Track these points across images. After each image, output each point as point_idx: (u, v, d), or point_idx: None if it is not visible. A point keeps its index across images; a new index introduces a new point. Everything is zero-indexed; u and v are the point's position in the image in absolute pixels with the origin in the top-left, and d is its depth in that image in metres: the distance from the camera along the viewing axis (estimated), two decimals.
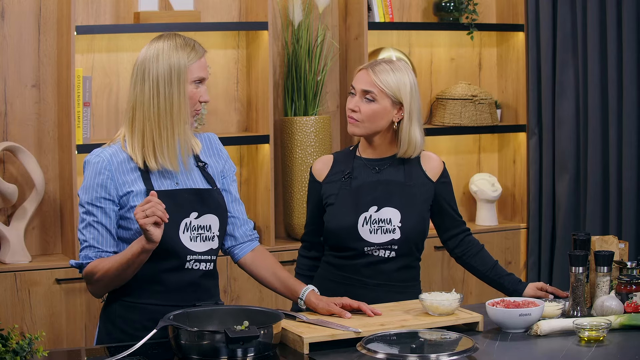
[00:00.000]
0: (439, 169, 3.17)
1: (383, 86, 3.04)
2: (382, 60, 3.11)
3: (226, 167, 2.95)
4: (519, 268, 5.02)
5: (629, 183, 4.49)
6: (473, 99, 4.90)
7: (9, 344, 2.29)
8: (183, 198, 2.78)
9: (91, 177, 2.76)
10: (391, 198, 3.08)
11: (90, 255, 2.74)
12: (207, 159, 2.92)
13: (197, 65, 2.78)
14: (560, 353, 2.55)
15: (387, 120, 3.08)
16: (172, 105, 2.75)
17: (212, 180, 2.88)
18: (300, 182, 4.56)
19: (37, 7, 4.26)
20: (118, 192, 2.75)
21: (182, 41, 2.79)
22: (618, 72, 4.52)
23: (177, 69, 2.75)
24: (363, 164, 3.15)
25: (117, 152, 2.78)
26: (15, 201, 4.20)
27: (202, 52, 2.80)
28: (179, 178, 2.82)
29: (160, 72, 2.75)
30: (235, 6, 4.62)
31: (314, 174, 3.23)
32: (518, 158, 5.08)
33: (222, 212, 2.86)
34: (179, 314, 2.58)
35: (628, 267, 3.03)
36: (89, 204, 2.75)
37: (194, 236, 2.78)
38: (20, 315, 4.05)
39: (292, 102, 4.64)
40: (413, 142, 3.09)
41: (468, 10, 4.89)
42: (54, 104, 4.31)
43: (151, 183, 2.77)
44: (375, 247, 3.07)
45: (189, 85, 2.77)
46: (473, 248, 3.21)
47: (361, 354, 2.47)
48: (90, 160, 2.78)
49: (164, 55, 2.76)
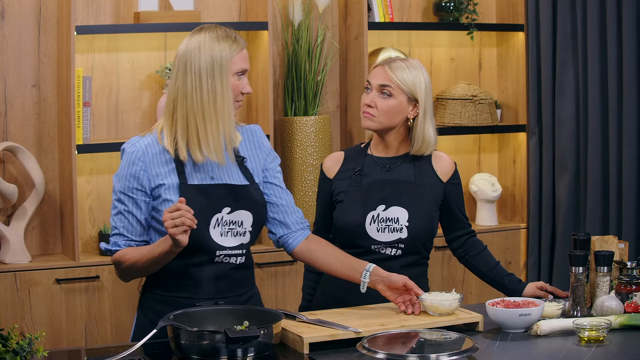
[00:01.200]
0: (450, 169, 3.18)
1: (399, 82, 3.08)
2: (397, 58, 3.15)
3: (268, 160, 2.94)
4: (519, 268, 5.02)
5: (629, 183, 4.49)
6: (473, 99, 4.90)
7: (9, 344, 2.29)
8: (216, 193, 2.78)
9: (125, 166, 2.77)
10: (399, 197, 3.10)
11: (120, 243, 2.77)
12: (246, 152, 2.90)
13: (239, 57, 2.77)
14: (560, 353, 2.55)
15: (402, 116, 3.11)
16: (216, 98, 2.74)
17: (250, 175, 2.87)
18: (300, 182, 4.56)
19: (37, 7, 4.26)
20: (150, 183, 2.76)
21: (223, 33, 2.78)
22: (618, 72, 4.52)
23: (220, 61, 2.74)
24: (374, 162, 3.17)
25: (153, 143, 2.79)
26: (15, 201, 4.20)
27: (243, 44, 2.79)
28: (214, 172, 2.81)
29: (202, 64, 2.74)
30: (235, 6, 4.63)
31: (325, 170, 3.24)
32: (518, 158, 5.08)
33: (258, 208, 2.85)
34: (179, 314, 2.58)
35: (628, 267, 3.03)
36: (121, 192, 2.77)
37: (225, 231, 2.78)
38: (20, 315, 4.05)
39: (292, 102, 4.64)
40: (427, 139, 3.12)
41: (468, 10, 4.89)
42: (54, 104, 4.31)
43: (185, 177, 2.76)
44: (382, 245, 3.09)
45: (232, 77, 2.77)
46: (475, 248, 3.22)
47: (361, 354, 2.47)
48: (126, 149, 2.80)
49: (206, 48, 2.75)
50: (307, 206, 4.56)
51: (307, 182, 4.56)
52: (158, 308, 2.79)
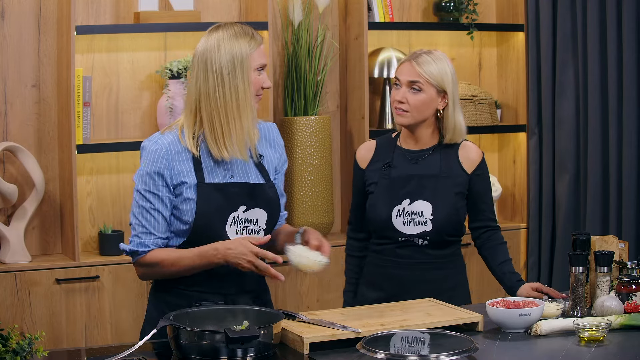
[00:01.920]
0: (477, 160, 3.26)
1: (428, 76, 3.17)
2: (422, 52, 3.24)
3: (281, 161, 2.98)
4: (519, 268, 5.02)
5: (629, 183, 4.49)
6: (473, 99, 4.89)
7: (9, 344, 2.29)
8: (233, 192, 2.80)
9: (149, 163, 2.77)
10: (423, 192, 3.19)
11: (148, 243, 2.76)
12: (264, 150, 2.93)
13: (257, 53, 2.79)
14: (560, 353, 2.55)
15: (432, 108, 3.20)
16: (238, 94, 2.76)
17: (267, 173, 2.89)
18: (300, 182, 4.56)
19: (37, 7, 4.26)
20: (173, 180, 2.77)
21: (241, 30, 2.80)
22: (618, 72, 4.52)
23: (240, 57, 2.76)
24: (402, 155, 3.26)
25: (175, 141, 2.79)
26: (15, 201, 4.20)
27: (260, 40, 2.81)
28: (234, 171, 2.84)
29: (223, 62, 2.76)
30: (235, 6, 4.62)
31: (358, 160, 3.34)
32: (518, 158, 5.08)
33: (273, 206, 2.88)
34: (179, 314, 2.58)
35: (628, 267, 3.03)
36: (146, 190, 2.77)
37: (240, 229, 2.81)
38: (20, 315, 4.04)
39: (292, 102, 4.64)
40: (459, 127, 3.23)
41: (468, 10, 4.89)
42: (54, 104, 4.31)
43: (202, 176, 2.78)
44: (409, 237, 3.20)
45: (252, 73, 2.79)
46: (491, 242, 3.30)
47: (361, 354, 2.47)
48: (148, 146, 2.79)
49: (225, 45, 2.77)
50: (307, 206, 4.56)
51: (307, 182, 4.55)
52: (172, 301, 2.81)
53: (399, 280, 3.21)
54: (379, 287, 3.24)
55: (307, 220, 4.56)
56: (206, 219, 2.77)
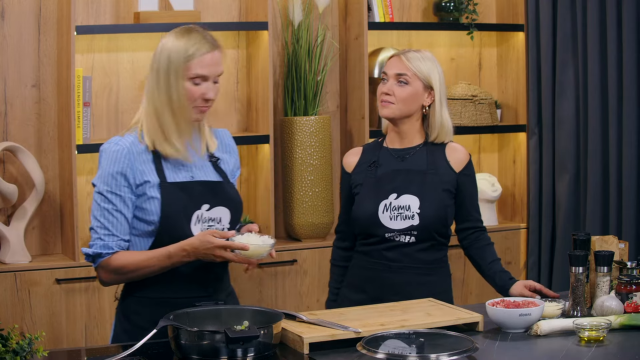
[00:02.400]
0: (464, 160, 3.25)
1: (415, 70, 3.21)
2: (411, 50, 3.28)
3: (236, 167, 2.98)
4: (519, 268, 5.02)
5: (629, 183, 4.49)
6: (473, 99, 4.89)
7: (9, 344, 2.29)
8: (195, 190, 2.79)
9: (110, 164, 2.75)
10: (410, 186, 3.18)
11: (111, 245, 2.73)
12: (220, 155, 2.93)
13: (197, 62, 2.74)
14: (560, 353, 2.55)
15: (418, 103, 3.21)
16: (171, 100, 2.75)
17: (225, 174, 2.89)
18: (300, 182, 4.56)
19: (37, 7, 4.26)
20: (136, 180, 2.76)
21: (188, 35, 2.76)
22: (618, 72, 4.52)
23: (175, 64, 2.74)
24: (389, 154, 3.26)
25: (135, 141, 2.79)
26: (15, 201, 4.20)
27: (206, 49, 2.75)
28: (193, 171, 2.83)
29: (161, 65, 2.76)
30: (235, 6, 4.62)
31: (344, 166, 3.35)
32: (518, 158, 5.08)
33: (235, 205, 2.87)
34: (179, 314, 2.58)
35: (628, 267, 3.03)
36: (108, 191, 2.75)
37: (205, 228, 2.79)
38: (20, 315, 4.05)
39: (292, 102, 4.64)
40: (445, 125, 3.23)
41: (468, 10, 4.89)
42: (54, 104, 4.31)
43: (164, 175, 2.77)
44: (395, 233, 3.17)
45: (186, 82, 2.75)
46: (479, 242, 3.28)
47: (361, 354, 2.47)
48: (108, 148, 2.78)
49: (165, 50, 2.76)
50: (306, 206, 4.56)
51: (307, 182, 4.55)
52: (144, 311, 2.78)
53: (384, 283, 3.17)
54: (362, 289, 3.21)
55: (307, 220, 4.56)
56: (171, 218, 2.75)
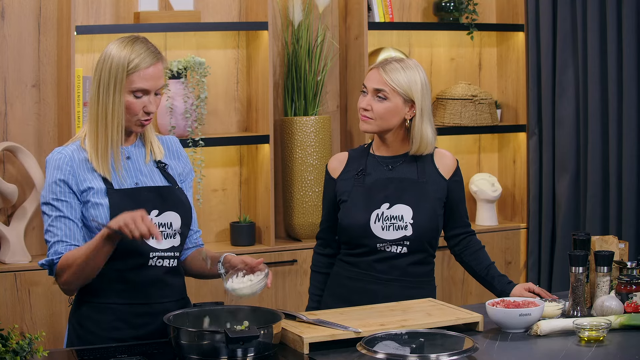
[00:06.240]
0: (452, 166, 3.20)
1: (394, 85, 3.08)
2: (392, 59, 3.14)
3: (185, 171, 2.92)
4: (519, 268, 5.02)
5: (629, 183, 4.49)
6: (473, 99, 4.90)
7: (9, 344, 2.29)
8: (143, 196, 2.75)
9: (53, 173, 2.73)
10: (403, 195, 3.10)
11: (60, 250, 2.70)
12: (168, 161, 2.89)
13: (138, 76, 2.70)
14: (560, 353, 2.55)
15: (399, 118, 3.12)
16: (106, 112, 2.71)
17: (173, 179, 2.85)
18: (300, 182, 4.56)
19: (37, 7, 4.26)
20: (80, 187, 2.72)
21: (131, 47, 2.72)
22: (618, 72, 4.52)
23: (117, 76, 2.70)
24: (376, 162, 3.18)
25: (78, 149, 2.76)
26: (15, 201, 4.20)
27: (149, 62, 2.71)
28: (138, 177, 2.79)
29: (102, 76, 2.71)
30: (235, 6, 4.63)
31: (329, 171, 3.26)
32: (518, 158, 5.08)
33: (184, 209, 2.83)
34: (179, 314, 2.58)
35: (628, 267, 3.03)
36: (54, 199, 2.71)
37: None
38: (20, 315, 4.05)
39: (292, 102, 4.64)
40: (425, 139, 3.12)
41: (468, 10, 4.89)
42: (54, 104, 4.31)
43: (110, 182, 2.74)
44: (387, 244, 3.09)
45: (127, 95, 2.71)
46: (472, 247, 3.23)
47: (361, 354, 2.47)
48: (52, 157, 2.75)
49: (107, 60, 2.72)
50: (306, 206, 4.56)
51: (307, 182, 4.55)
52: (97, 317, 2.75)
53: (371, 294, 3.08)
54: (347, 299, 3.09)
55: (307, 220, 4.56)
56: None
